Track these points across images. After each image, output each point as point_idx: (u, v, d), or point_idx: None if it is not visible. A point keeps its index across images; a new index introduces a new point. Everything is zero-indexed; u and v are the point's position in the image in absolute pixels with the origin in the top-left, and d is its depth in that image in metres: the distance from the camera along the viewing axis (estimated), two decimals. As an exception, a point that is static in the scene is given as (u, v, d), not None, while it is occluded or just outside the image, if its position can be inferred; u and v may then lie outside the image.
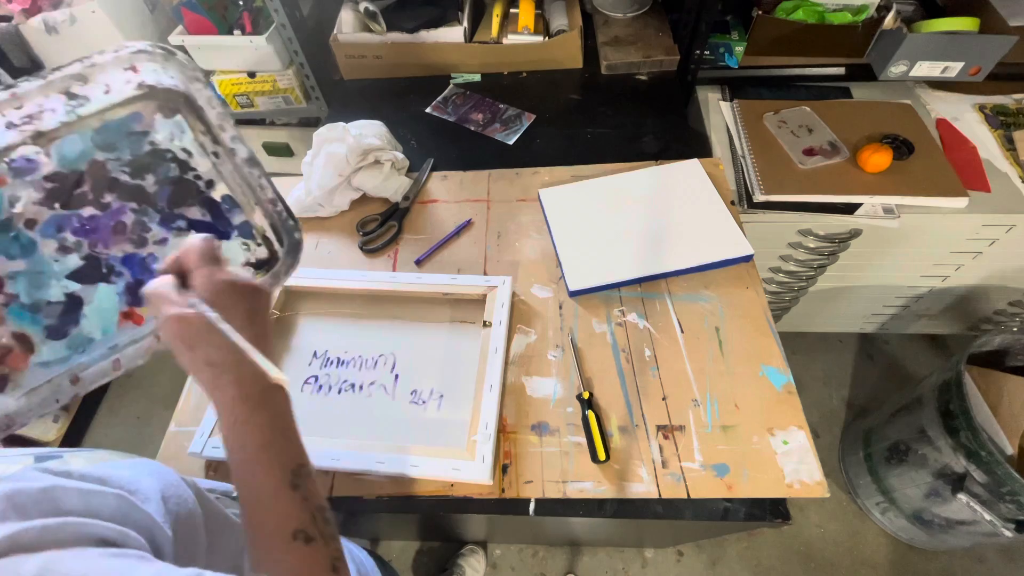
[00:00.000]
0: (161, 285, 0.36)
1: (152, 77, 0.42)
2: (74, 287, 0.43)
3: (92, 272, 0.43)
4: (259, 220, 0.50)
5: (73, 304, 0.43)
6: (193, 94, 0.44)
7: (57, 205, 0.41)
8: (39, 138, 0.39)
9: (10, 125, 0.38)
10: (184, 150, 0.45)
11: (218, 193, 0.48)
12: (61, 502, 0.28)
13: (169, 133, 0.44)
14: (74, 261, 0.42)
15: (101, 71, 0.41)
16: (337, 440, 0.66)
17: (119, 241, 0.44)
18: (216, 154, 0.46)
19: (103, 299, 0.44)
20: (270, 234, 0.51)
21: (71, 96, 0.40)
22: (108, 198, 0.43)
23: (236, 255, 0.50)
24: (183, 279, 0.37)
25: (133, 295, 0.45)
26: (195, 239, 0.38)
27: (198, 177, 0.46)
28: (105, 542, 0.28)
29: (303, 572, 0.32)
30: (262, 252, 0.51)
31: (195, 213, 0.47)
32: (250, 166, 0.48)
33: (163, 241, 0.45)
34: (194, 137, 0.45)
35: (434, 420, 0.69)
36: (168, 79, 0.43)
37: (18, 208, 0.39)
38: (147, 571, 0.27)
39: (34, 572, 0.24)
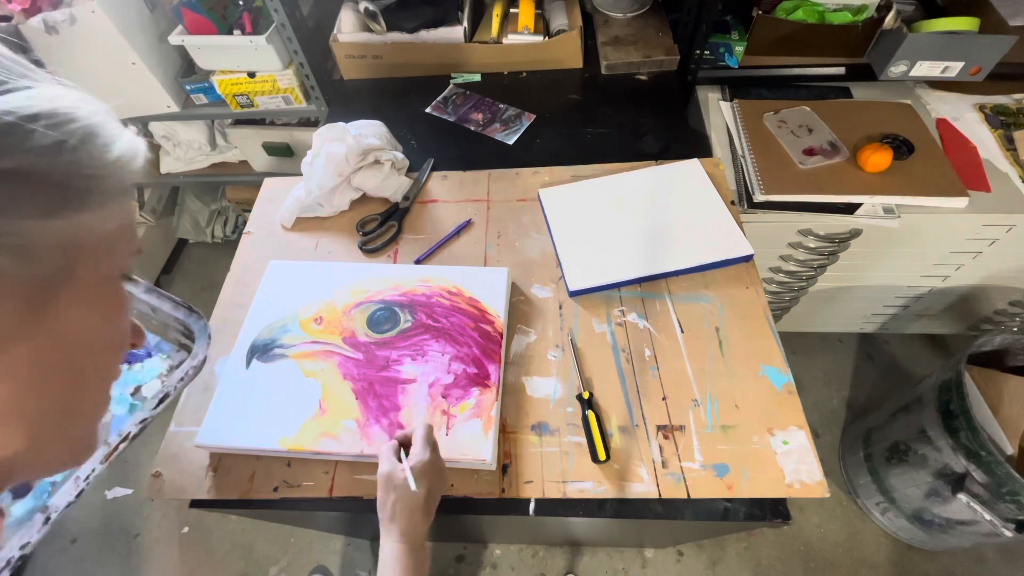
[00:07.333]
0: (388, 448, 0.54)
1: None
2: None
3: None
4: (172, 335, 0.61)
5: None
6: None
7: None
8: None
9: None
10: None
11: None
12: None
13: None
14: None
15: None
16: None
17: None
18: None
19: None
20: (184, 339, 0.62)
21: None
22: None
23: (159, 367, 0.61)
24: (406, 448, 0.55)
25: None
26: (421, 427, 0.55)
27: None
28: None
29: None
30: (182, 355, 0.62)
31: None
32: (147, 293, 0.56)
33: None
34: None
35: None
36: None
37: None
38: None
39: None
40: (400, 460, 0.53)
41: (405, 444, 0.56)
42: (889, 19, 1.09)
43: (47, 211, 0.21)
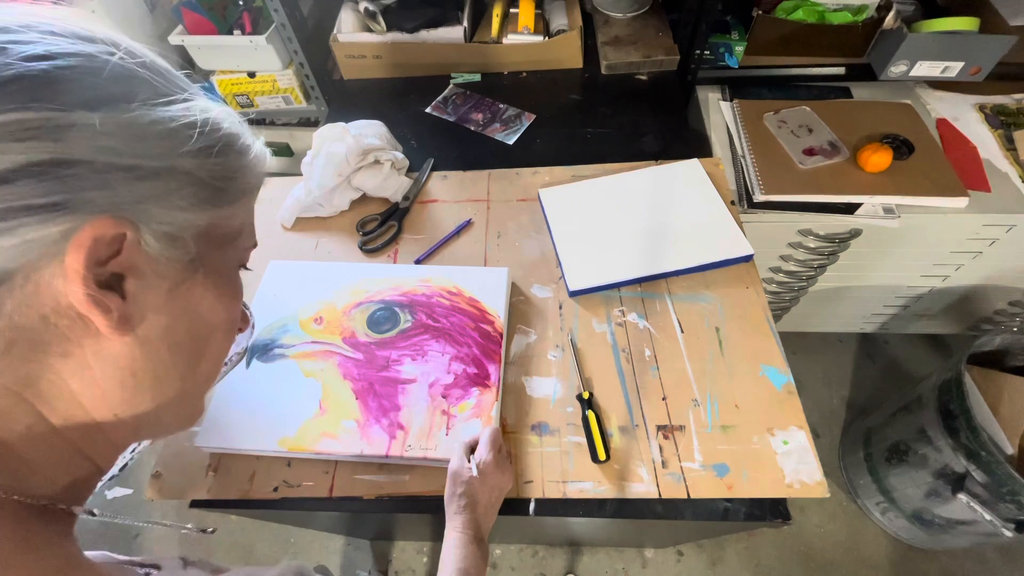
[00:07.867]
0: (460, 446, 0.59)
1: None
2: None
3: None
4: None
5: None
6: None
7: None
8: None
9: None
10: None
11: None
12: None
13: None
14: None
15: None
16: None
17: None
18: None
19: None
20: None
21: None
22: None
23: None
24: (473, 449, 0.60)
25: None
26: (489, 430, 0.60)
27: None
28: None
29: None
30: None
31: None
32: None
33: None
34: None
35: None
36: None
37: None
38: None
39: None
40: (468, 460, 0.58)
41: (474, 447, 0.61)
42: (889, 19, 1.09)
43: (194, 204, 0.24)
